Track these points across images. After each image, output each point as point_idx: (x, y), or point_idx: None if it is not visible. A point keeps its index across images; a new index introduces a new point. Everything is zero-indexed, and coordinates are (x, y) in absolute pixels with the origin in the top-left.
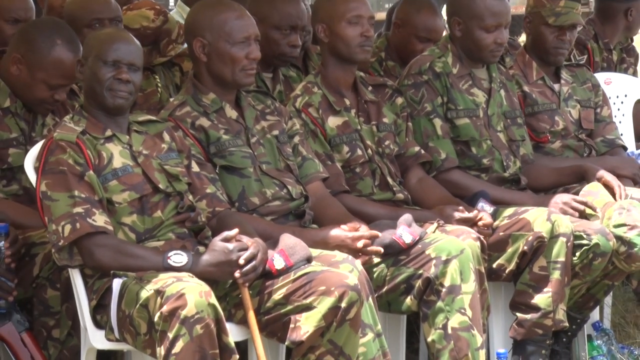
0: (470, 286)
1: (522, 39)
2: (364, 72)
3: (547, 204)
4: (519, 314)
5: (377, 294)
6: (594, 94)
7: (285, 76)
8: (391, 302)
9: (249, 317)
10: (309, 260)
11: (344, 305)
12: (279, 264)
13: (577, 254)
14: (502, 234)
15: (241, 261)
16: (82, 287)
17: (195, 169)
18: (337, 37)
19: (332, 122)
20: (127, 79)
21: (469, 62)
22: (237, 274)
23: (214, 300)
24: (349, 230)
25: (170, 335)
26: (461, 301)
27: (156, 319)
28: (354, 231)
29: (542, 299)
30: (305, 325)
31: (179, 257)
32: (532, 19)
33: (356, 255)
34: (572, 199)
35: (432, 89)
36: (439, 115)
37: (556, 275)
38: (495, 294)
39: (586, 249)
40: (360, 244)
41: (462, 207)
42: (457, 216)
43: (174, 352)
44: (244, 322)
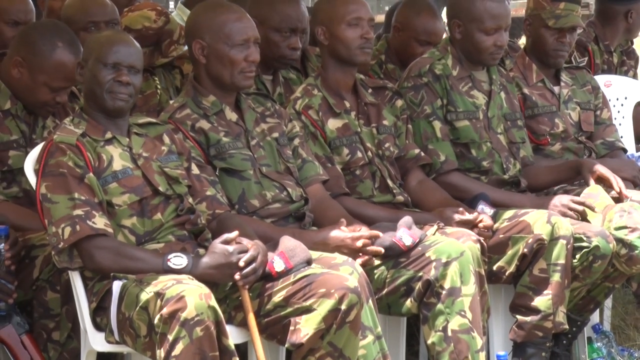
0: (470, 288)
1: (522, 42)
2: (364, 75)
3: (547, 206)
4: (519, 317)
5: (377, 296)
6: (593, 97)
7: (285, 78)
8: (391, 304)
9: (249, 319)
10: (309, 262)
11: (344, 307)
12: (279, 266)
13: (577, 257)
14: (502, 236)
15: (241, 263)
16: (82, 289)
17: (195, 171)
18: (337, 40)
19: (332, 125)
20: (127, 82)
21: (469, 65)
22: (237, 277)
23: (214, 302)
24: (348, 230)
25: (170, 337)
26: (461, 303)
27: (156, 321)
28: (354, 232)
29: (542, 302)
30: (305, 327)
31: (178, 260)
32: (532, 22)
33: (356, 255)
34: (571, 200)
35: (432, 91)
36: (439, 117)
37: (556, 277)
38: (495, 296)
39: (586, 252)
40: (359, 244)
41: (462, 209)
42: (457, 218)
43: (173, 354)
44: (244, 325)
